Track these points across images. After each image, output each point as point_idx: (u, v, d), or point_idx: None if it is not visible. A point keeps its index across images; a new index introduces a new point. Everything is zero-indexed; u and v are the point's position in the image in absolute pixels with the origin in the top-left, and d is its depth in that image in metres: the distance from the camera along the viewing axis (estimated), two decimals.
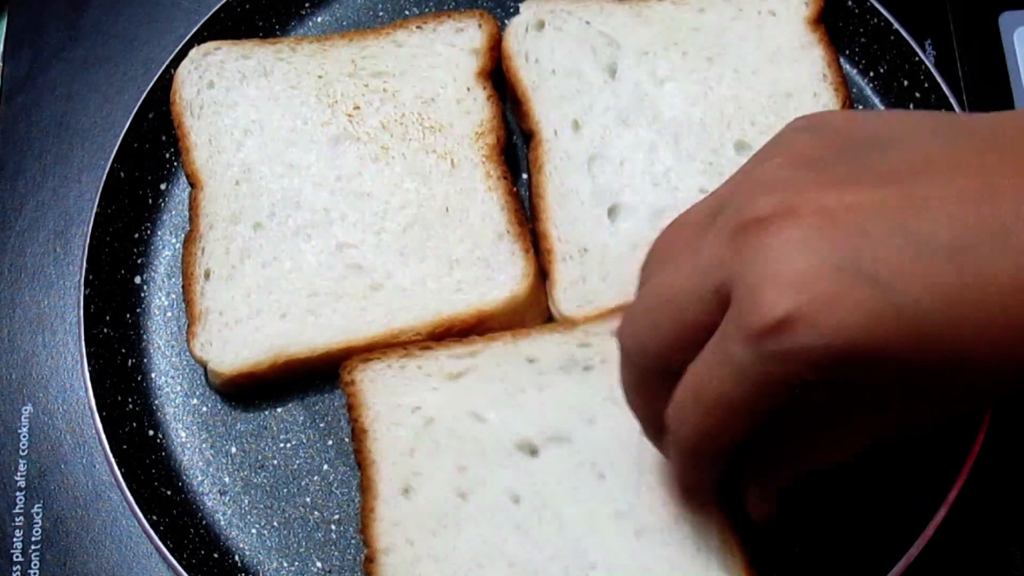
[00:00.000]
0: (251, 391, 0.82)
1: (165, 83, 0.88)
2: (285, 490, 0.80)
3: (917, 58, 0.87)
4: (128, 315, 0.85)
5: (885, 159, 0.52)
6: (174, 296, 0.86)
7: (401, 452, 0.77)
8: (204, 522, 0.80)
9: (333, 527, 0.79)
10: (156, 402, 0.83)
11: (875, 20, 0.89)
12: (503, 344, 0.79)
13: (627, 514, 0.74)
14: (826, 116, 0.59)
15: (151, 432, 0.82)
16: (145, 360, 0.84)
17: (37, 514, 0.84)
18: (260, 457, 0.81)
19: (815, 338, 0.48)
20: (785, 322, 0.48)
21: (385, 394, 0.78)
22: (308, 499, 0.80)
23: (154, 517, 0.77)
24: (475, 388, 0.78)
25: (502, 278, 0.81)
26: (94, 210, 0.85)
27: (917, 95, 0.87)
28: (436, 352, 0.79)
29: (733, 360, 0.51)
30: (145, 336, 0.85)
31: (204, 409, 0.83)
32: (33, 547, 0.83)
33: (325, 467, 0.81)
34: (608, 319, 0.79)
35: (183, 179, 0.88)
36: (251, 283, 0.82)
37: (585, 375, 0.77)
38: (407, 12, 0.95)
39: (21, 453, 0.85)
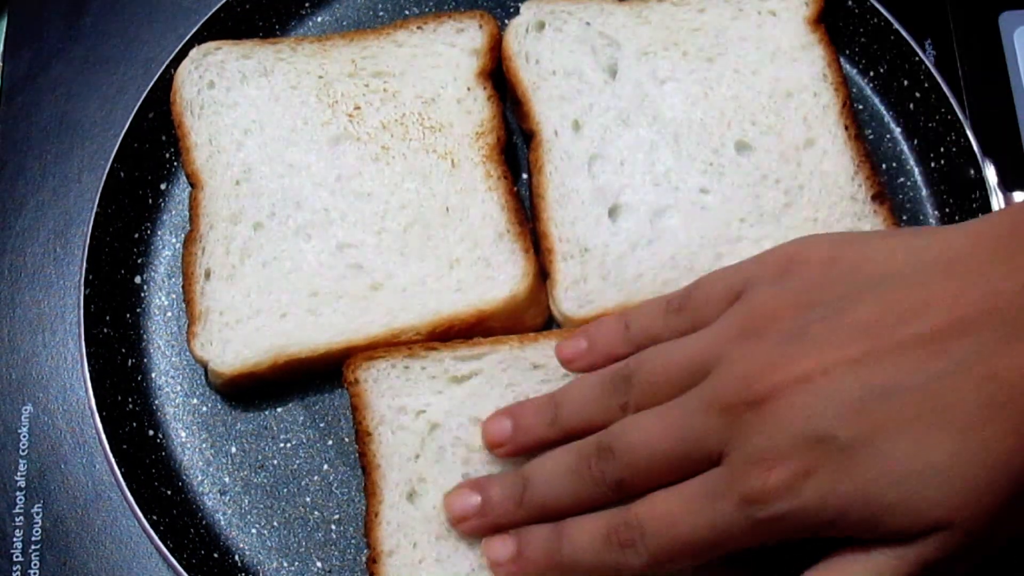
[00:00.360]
0: (251, 391, 0.82)
1: (165, 83, 0.88)
2: (285, 490, 0.80)
3: (917, 58, 0.87)
4: (128, 315, 0.85)
5: (859, 309, 0.59)
6: (174, 296, 0.86)
7: (406, 457, 0.77)
8: (204, 522, 0.80)
9: (333, 527, 0.79)
10: (156, 402, 0.83)
11: (875, 20, 0.89)
12: (509, 349, 0.79)
13: None
14: (804, 254, 0.65)
15: (151, 432, 0.82)
16: (145, 360, 0.84)
17: (37, 514, 0.84)
18: (260, 457, 0.81)
19: (793, 507, 0.57)
20: (771, 492, 0.57)
21: (389, 396, 0.78)
22: (308, 499, 0.80)
23: (154, 517, 0.77)
24: (480, 393, 0.78)
25: (502, 278, 0.81)
26: (94, 210, 0.85)
27: (917, 95, 0.87)
28: (441, 354, 0.79)
29: (719, 513, 0.59)
30: (145, 336, 0.85)
31: (204, 409, 0.83)
32: (33, 547, 0.83)
33: (325, 467, 0.81)
34: None
35: (183, 179, 0.88)
36: (251, 283, 0.82)
37: None
38: (407, 12, 0.95)
39: (21, 453, 0.85)
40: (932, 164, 0.87)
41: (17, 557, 0.82)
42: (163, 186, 0.89)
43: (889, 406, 0.57)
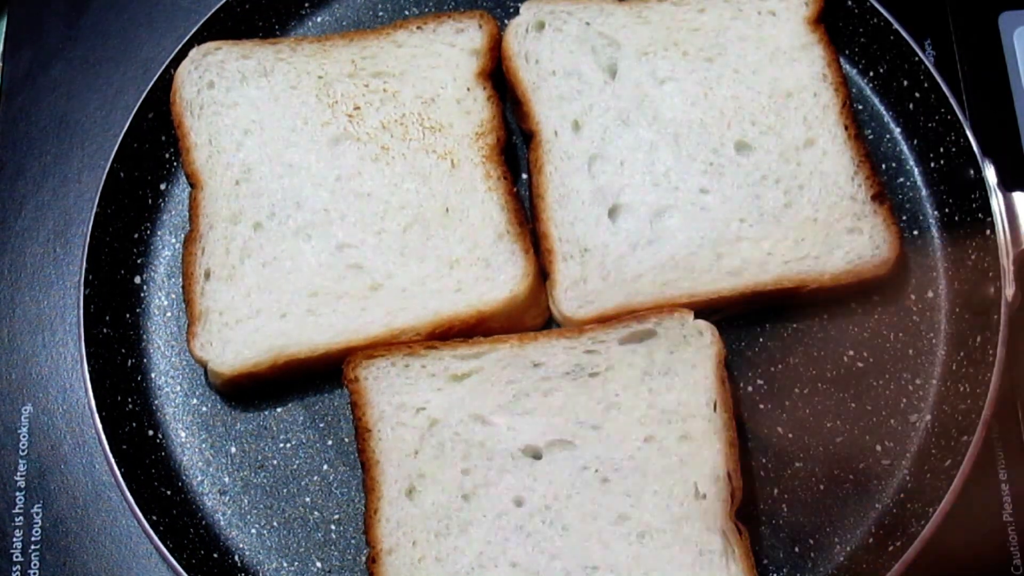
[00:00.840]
0: (251, 391, 0.82)
1: (165, 83, 0.88)
2: (285, 490, 0.81)
3: (917, 58, 0.87)
4: (128, 315, 0.85)
5: None
6: (174, 296, 0.86)
7: (405, 453, 0.77)
8: (204, 522, 0.80)
9: (333, 527, 0.79)
10: (156, 402, 0.83)
11: (875, 20, 0.89)
12: (509, 347, 0.79)
13: (629, 517, 0.74)
14: None
15: (151, 432, 0.82)
16: (145, 360, 0.84)
17: (37, 514, 0.84)
18: (260, 457, 0.82)
19: None
20: None
21: (389, 393, 0.78)
22: (308, 499, 0.80)
23: (154, 517, 0.77)
24: (480, 391, 0.78)
25: (502, 278, 0.81)
26: (94, 210, 0.85)
27: (917, 95, 0.87)
28: (441, 352, 0.79)
29: None
30: (145, 336, 0.85)
31: (204, 409, 0.83)
32: (33, 547, 0.83)
33: (325, 467, 0.81)
34: (615, 327, 0.79)
35: (183, 179, 0.88)
36: (251, 283, 0.82)
37: (590, 381, 0.78)
38: (407, 12, 0.95)
39: (21, 453, 0.85)
40: (932, 164, 0.87)
41: (17, 557, 0.82)
42: (163, 186, 0.89)
43: None
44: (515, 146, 0.89)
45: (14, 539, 0.83)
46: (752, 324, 0.83)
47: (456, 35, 0.89)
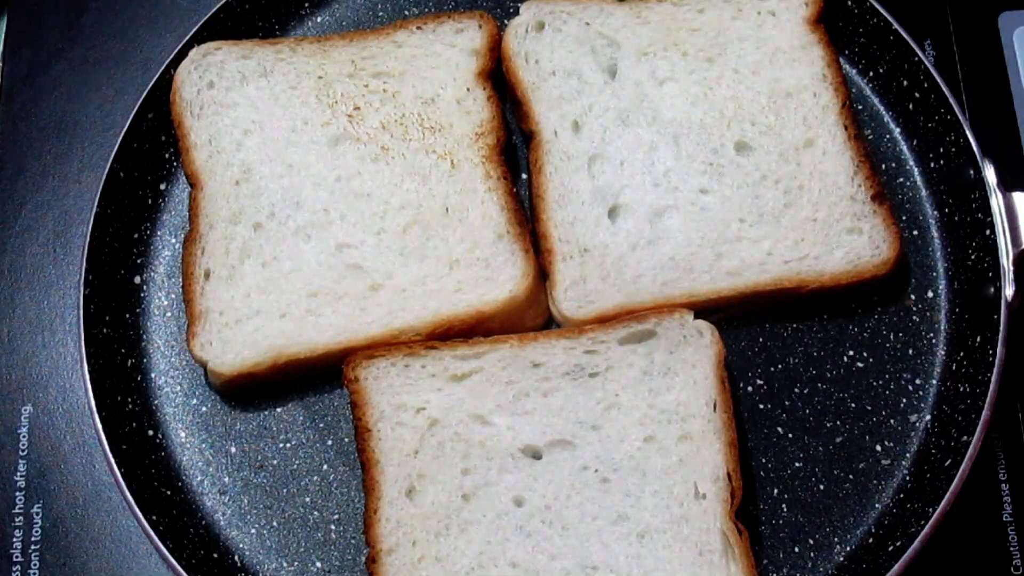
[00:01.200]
0: (251, 391, 0.82)
1: (165, 83, 0.88)
2: (285, 490, 0.81)
3: (917, 58, 0.87)
4: (128, 315, 0.85)
5: None
6: (174, 296, 0.86)
7: (405, 453, 0.77)
8: (204, 522, 0.80)
9: (333, 527, 0.79)
10: (156, 402, 0.83)
11: (875, 20, 0.89)
12: (509, 347, 0.79)
13: (629, 517, 0.75)
14: None
15: (151, 432, 0.82)
16: (145, 360, 0.84)
17: (37, 514, 0.84)
18: (260, 457, 0.82)
19: None
20: None
21: (389, 393, 0.78)
22: (308, 499, 0.80)
23: (154, 517, 0.77)
24: (480, 391, 0.78)
25: (502, 278, 0.81)
26: (94, 210, 0.85)
27: (917, 95, 0.87)
28: (441, 352, 0.79)
29: None
30: (145, 336, 0.85)
31: (204, 409, 0.83)
32: (33, 547, 0.83)
33: (325, 467, 0.81)
34: (615, 327, 0.79)
35: (183, 179, 0.88)
36: (251, 283, 0.82)
37: (590, 381, 0.78)
38: (407, 12, 0.95)
39: (21, 453, 0.85)
40: (932, 164, 0.87)
41: (17, 557, 0.82)
42: (163, 186, 0.89)
43: None
44: (515, 146, 0.89)
45: (14, 539, 0.83)
46: (752, 324, 0.83)
47: (456, 35, 0.89)
